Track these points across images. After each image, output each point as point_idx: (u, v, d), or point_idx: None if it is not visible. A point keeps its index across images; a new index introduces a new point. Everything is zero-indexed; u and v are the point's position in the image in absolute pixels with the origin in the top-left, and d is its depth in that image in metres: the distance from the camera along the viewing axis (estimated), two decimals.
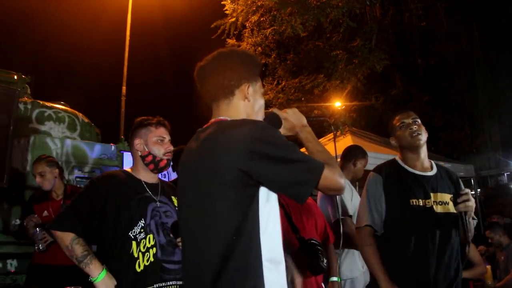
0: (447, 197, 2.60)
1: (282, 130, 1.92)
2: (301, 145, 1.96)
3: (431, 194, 2.63)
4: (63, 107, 6.65)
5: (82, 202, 2.38)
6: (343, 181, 1.61)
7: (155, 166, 2.54)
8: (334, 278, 3.26)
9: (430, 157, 2.89)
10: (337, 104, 11.26)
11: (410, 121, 2.75)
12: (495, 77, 14.20)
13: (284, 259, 1.62)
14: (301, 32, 9.18)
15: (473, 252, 4.59)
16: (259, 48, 10.86)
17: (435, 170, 2.76)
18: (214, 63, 1.81)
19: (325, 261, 2.86)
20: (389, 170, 2.84)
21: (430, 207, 2.60)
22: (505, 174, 25.23)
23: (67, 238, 2.28)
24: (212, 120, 1.79)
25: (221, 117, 1.77)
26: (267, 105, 12.02)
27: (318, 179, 1.55)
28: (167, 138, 2.60)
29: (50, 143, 5.69)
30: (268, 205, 1.59)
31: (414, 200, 2.63)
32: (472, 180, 11.53)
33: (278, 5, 9.04)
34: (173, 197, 2.60)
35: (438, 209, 2.60)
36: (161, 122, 2.61)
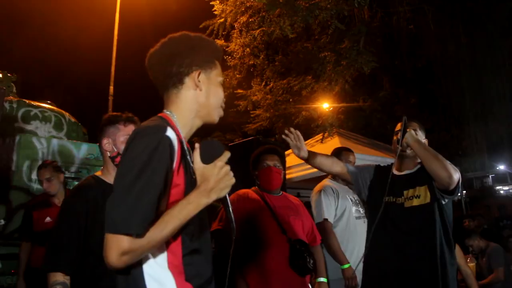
0: (420, 190, 2.72)
1: (198, 164, 1.50)
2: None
3: (403, 192, 2.78)
4: (50, 106, 6.60)
5: (66, 233, 2.20)
6: (122, 264, 1.32)
7: None
8: (322, 279, 3.27)
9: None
10: (325, 105, 11.28)
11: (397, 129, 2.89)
12: (481, 80, 14.35)
13: (171, 279, 1.45)
14: (290, 33, 9.19)
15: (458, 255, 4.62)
16: (248, 49, 10.84)
17: (416, 168, 2.86)
18: (163, 49, 1.65)
19: (311, 261, 2.87)
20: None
21: (401, 203, 2.76)
22: (490, 176, 25.62)
23: (53, 278, 2.13)
24: (159, 113, 1.65)
25: (166, 111, 1.63)
26: (256, 106, 12.08)
27: (121, 231, 1.30)
28: None
29: (36, 143, 5.64)
30: None
31: (387, 198, 2.80)
32: None
33: (267, 6, 9.03)
34: None
35: (408, 204, 2.73)
36: (130, 119, 2.41)
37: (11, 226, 5.23)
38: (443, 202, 2.65)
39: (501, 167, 25.82)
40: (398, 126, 2.87)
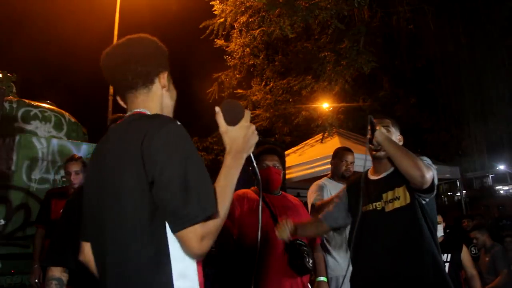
0: (399, 191, 2.58)
1: (224, 126, 1.58)
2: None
3: (382, 195, 2.63)
4: (50, 106, 6.60)
5: (68, 230, 2.23)
6: (205, 248, 1.35)
7: None
8: (322, 278, 3.27)
9: None
10: (325, 105, 11.30)
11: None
12: (481, 80, 14.37)
13: (194, 268, 1.45)
14: (290, 33, 9.18)
15: (465, 256, 4.64)
16: (248, 49, 10.84)
17: (392, 169, 2.68)
18: (128, 50, 1.65)
19: (310, 261, 2.87)
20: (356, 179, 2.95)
21: (382, 208, 2.62)
22: (490, 176, 25.59)
23: (51, 273, 2.21)
24: (132, 112, 1.63)
25: (141, 110, 1.62)
26: (255, 106, 12.08)
27: (192, 223, 1.30)
28: None
29: (36, 143, 5.65)
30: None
31: (365, 207, 2.68)
32: (458, 182, 11.66)
33: (267, 6, 9.04)
34: None
35: (389, 207, 2.59)
36: None
37: (11, 226, 5.24)
38: (423, 202, 2.52)
39: (501, 167, 25.79)
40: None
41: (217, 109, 1.57)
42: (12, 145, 5.45)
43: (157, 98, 1.66)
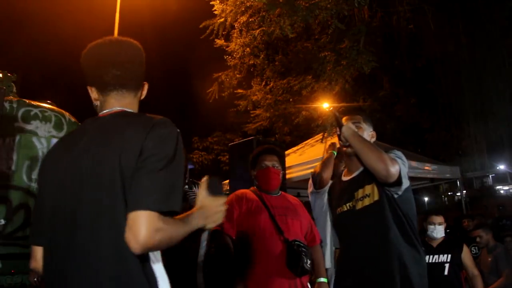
0: (368, 188, 2.54)
1: (204, 193, 1.64)
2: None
3: (354, 194, 2.60)
4: (50, 106, 6.59)
5: None
6: (154, 241, 1.31)
7: None
8: (322, 279, 3.26)
9: (415, 158, 2.89)
10: (325, 105, 11.29)
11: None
12: (481, 80, 14.35)
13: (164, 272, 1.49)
14: (290, 33, 9.16)
15: (466, 255, 4.62)
16: (248, 49, 10.82)
17: (361, 168, 2.64)
18: (130, 50, 1.67)
19: (309, 262, 2.86)
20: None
21: (353, 207, 2.59)
22: (490, 176, 25.63)
23: None
24: (119, 109, 1.61)
25: (128, 109, 1.62)
26: (256, 105, 12.07)
27: (163, 208, 1.34)
28: None
29: (36, 143, 5.64)
30: None
31: (339, 208, 2.68)
32: (458, 182, 11.63)
33: (267, 6, 9.02)
34: None
35: (359, 205, 2.56)
36: None
37: (11, 226, 5.24)
38: (396, 196, 2.46)
39: (501, 167, 25.82)
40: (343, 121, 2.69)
41: (206, 178, 1.65)
42: (12, 145, 5.45)
43: (137, 104, 1.69)
